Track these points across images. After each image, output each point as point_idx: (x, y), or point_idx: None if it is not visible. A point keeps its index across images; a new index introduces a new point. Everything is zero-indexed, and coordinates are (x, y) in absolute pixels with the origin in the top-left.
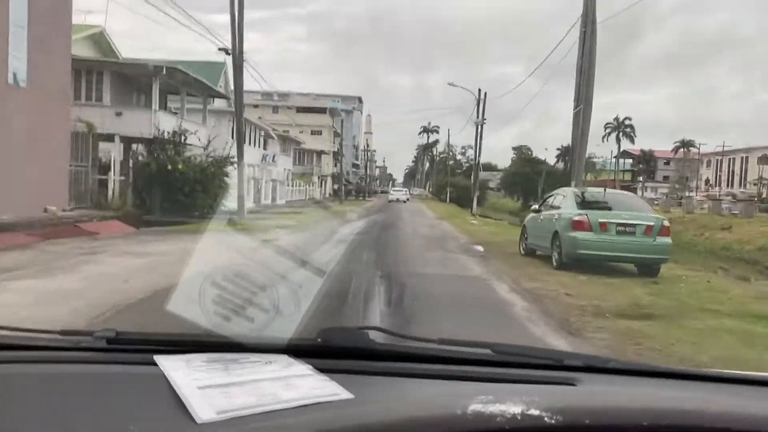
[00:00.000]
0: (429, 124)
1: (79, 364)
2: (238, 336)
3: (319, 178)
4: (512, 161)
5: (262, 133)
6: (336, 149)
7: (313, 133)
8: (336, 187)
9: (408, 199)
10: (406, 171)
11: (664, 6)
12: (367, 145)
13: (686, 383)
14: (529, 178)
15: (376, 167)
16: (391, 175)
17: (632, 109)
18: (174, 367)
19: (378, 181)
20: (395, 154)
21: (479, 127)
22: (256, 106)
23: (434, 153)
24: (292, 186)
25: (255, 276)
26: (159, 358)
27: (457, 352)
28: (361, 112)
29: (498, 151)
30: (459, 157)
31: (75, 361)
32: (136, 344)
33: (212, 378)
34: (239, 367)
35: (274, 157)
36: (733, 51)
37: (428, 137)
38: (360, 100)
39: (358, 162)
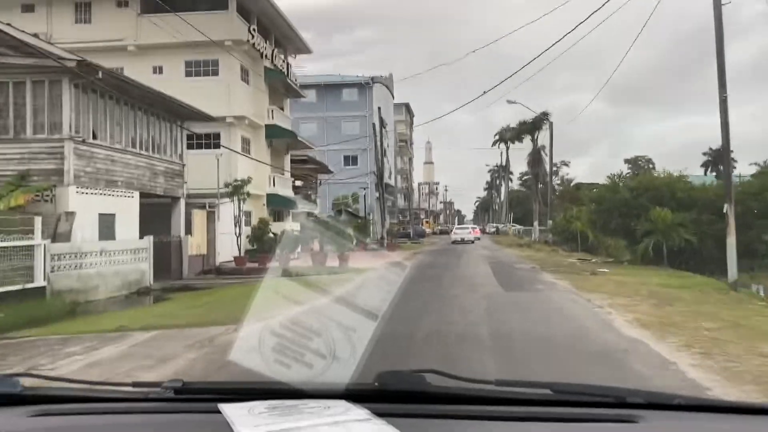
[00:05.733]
0: (507, 125)
1: (149, 414)
2: (298, 382)
3: (212, 208)
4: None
5: None
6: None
7: (197, 70)
8: (256, 228)
9: (478, 239)
10: (477, 203)
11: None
12: (396, 164)
13: (754, 419)
14: None
15: (440, 202)
16: (459, 211)
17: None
18: (237, 415)
19: (440, 217)
20: (462, 192)
21: None
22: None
23: (538, 148)
24: None
25: (310, 322)
26: (223, 407)
27: (516, 392)
28: (392, 93)
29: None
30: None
31: (146, 412)
32: (202, 393)
33: (273, 424)
34: (298, 413)
35: None
36: None
37: (507, 146)
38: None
39: (391, 182)
